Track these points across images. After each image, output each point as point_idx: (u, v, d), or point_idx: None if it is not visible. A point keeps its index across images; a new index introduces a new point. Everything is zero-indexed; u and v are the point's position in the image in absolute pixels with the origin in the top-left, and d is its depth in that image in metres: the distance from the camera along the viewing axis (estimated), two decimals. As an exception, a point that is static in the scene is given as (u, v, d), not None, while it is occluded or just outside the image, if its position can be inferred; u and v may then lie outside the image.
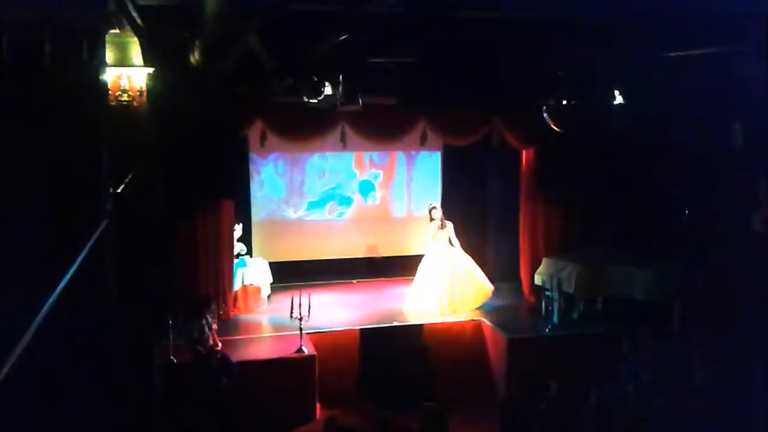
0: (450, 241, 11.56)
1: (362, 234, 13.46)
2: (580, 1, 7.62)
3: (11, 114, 4.34)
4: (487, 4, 7.78)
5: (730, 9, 7.35)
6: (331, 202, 13.29)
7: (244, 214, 12.28)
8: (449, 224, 11.57)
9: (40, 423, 4.47)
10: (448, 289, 11.31)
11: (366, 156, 13.34)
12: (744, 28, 7.87)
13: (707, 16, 7.61)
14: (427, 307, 11.34)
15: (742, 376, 8.21)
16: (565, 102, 9.69)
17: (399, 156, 13.56)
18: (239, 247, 11.74)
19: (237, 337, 10.31)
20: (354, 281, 13.22)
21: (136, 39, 7.87)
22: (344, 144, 11.90)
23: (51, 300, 4.43)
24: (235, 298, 11.36)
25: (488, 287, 11.66)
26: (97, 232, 5.80)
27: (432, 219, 11.55)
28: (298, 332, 9.62)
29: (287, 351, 9.67)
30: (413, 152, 13.49)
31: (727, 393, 7.96)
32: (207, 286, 10.67)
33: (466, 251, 12.07)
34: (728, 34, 8.05)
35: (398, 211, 13.67)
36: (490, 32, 8.41)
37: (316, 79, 8.63)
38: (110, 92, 7.86)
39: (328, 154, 13.06)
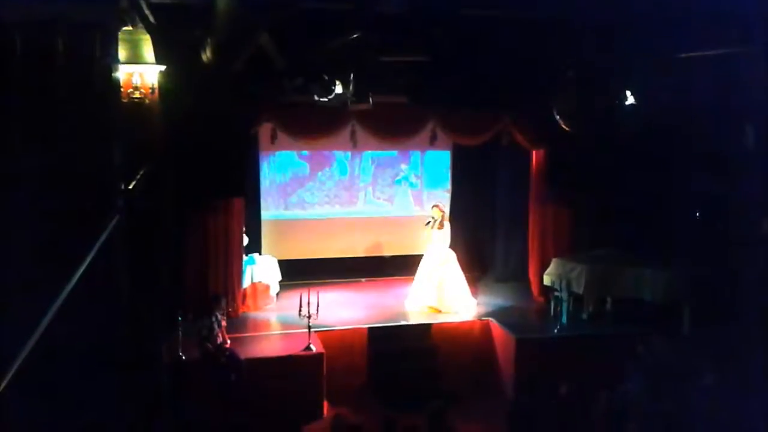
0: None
1: (371, 232, 13.48)
2: (591, 2, 7.61)
3: (24, 110, 4.36)
4: (498, 3, 7.78)
5: (741, 10, 7.33)
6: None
7: (253, 212, 12.30)
8: (447, 225, 11.54)
9: (48, 419, 4.50)
10: (437, 289, 11.34)
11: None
12: (755, 29, 7.84)
13: (718, 17, 7.59)
14: (420, 305, 11.40)
15: (751, 378, 8.17)
16: (575, 102, 9.64)
17: (408, 155, 13.57)
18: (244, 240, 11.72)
19: (245, 335, 10.34)
20: (362, 280, 13.23)
21: (148, 36, 7.88)
22: (354, 143, 11.90)
23: (61, 297, 4.46)
24: (244, 296, 11.38)
25: (471, 299, 11.65)
26: (108, 229, 5.82)
27: (429, 220, 11.50)
28: (307, 330, 9.64)
29: (295, 349, 9.69)
30: (423, 151, 13.48)
31: (736, 394, 7.93)
32: (216, 284, 10.70)
33: (473, 250, 12.03)
34: (740, 35, 8.02)
35: (407, 209, 13.67)
36: (501, 31, 8.40)
37: (326, 78, 8.63)
38: (122, 89, 7.86)
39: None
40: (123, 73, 7.89)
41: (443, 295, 11.35)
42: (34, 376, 4.06)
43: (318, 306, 9.57)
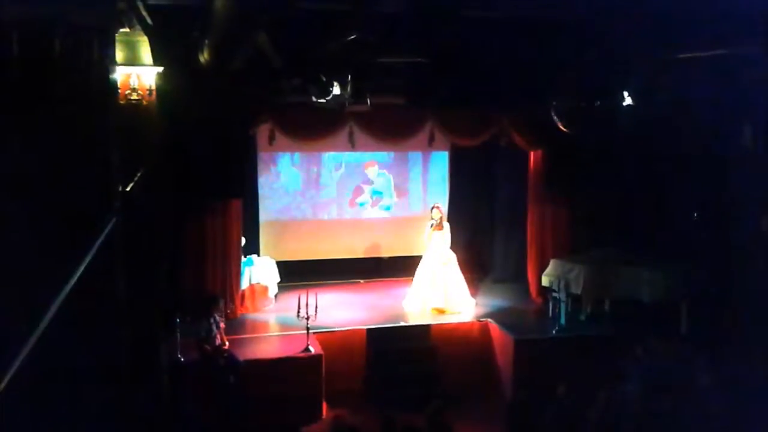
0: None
1: (369, 234, 13.46)
2: (589, 3, 7.60)
3: (21, 112, 4.35)
4: (497, 4, 7.78)
5: (738, 10, 7.33)
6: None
7: (251, 214, 12.28)
8: (446, 226, 11.55)
9: (46, 421, 4.49)
10: (443, 290, 11.35)
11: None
12: (752, 29, 7.84)
13: (716, 17, 7.59)
14: (423, 306, 11.40)
15: (749, 379, 8.18)
16: (573, 103, 9.64)
17: (406, 156, 13.55)
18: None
19: (244, 336, 10.33)
20: (361, 281, 13.23)
21: (145, 38, 7.90)
22: (352, 144, 11.89)
23: (60, 298, 4.45)
24: (243, 297, 11.37)
25: (470, 300, 11.67)
26: (106, 231, 5.82)
27: (431, 222, 11.50)
28: (305, 331, 9.63)
29: (294, 350, 9.68)
30: (421, 152, 13.47)
31: (734, 395, 7.93)
32: (215, 285, 10.69)
33: (472, 251, 11.96)
34: (737, 35, 8.02)
35: (406, 211, 13.66)
36: (499, 32, 8.40)
37: (324, 79, 8.62)
38: (120, 91, 7.88)
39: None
40: (120, 74, 7.91)
41: (448, 296, 11.37)
42: (33, 376, 4.05)
43: (316, 307, 9.56)
